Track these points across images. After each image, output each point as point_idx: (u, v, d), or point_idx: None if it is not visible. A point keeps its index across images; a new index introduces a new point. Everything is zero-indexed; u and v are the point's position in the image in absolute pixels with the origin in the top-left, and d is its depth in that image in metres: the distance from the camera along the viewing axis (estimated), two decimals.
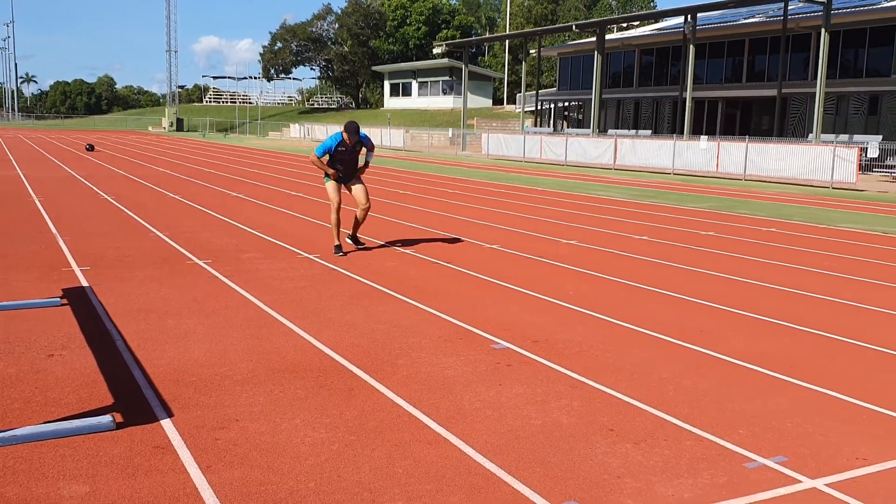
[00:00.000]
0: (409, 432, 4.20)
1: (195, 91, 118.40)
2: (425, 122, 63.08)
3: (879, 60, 32.78)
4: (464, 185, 21.75)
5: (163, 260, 9.14)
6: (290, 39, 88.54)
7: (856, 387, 5.13)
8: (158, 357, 5.41)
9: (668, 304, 7.47)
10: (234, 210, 14.30)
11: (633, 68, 45.63)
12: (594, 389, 4.98)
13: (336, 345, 5.79)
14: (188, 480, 3.59)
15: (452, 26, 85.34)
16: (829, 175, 23.89)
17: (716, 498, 3.54)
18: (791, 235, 12.67)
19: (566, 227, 13.01)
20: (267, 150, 42.00)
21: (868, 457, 4.03)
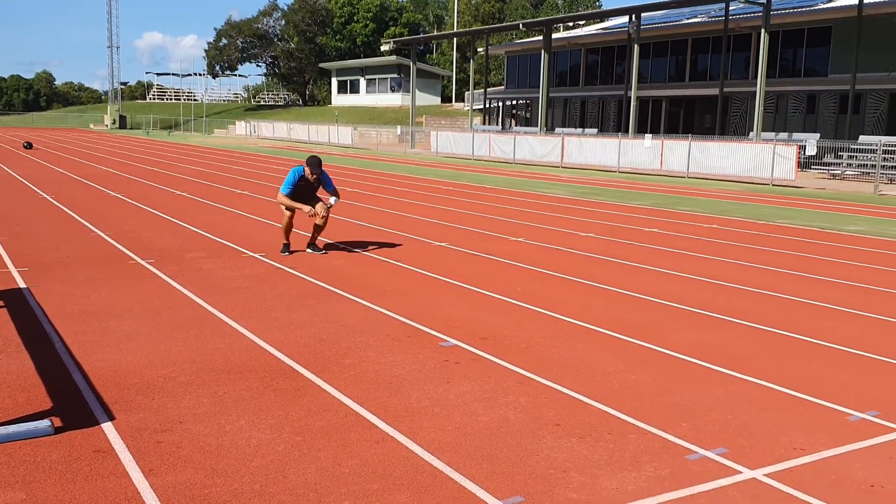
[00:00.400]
0: (356, 432, 4.19)
1: (138, 88, 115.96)
2: (374, 119, 62.86)
3: (817, 60, 33.68)
4: (413, 182, 21.73)
5: (104, 261, 8.95)
6: (235, 36, 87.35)
7: (793, 378, 5.27)
8: (99, 359, 5.30)
9: (613, 300, 7.57)
10: (179, 209, 14.07)
11: (579, 67, 46.10)
12: (541, 385, 5.02)
13: (282, 345, 5.74)
14: (130, 485, 3.53)
15: (400, 24, 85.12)
16: (769, 172, 24.46)
17: (659, 490, 3.60)
18: (732, 232, 12.94)
19: (515, 224, 13.10)
20: (212, 148, 41.39)
21: (805, 447, 4.15)
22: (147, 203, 14.92)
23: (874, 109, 31.27)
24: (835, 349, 6.02)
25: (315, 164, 9.15)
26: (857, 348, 6.05)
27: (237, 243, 10.34)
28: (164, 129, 76.75)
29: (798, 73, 34.36)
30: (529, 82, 48.40)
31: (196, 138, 58.47)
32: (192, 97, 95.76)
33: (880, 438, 4.28)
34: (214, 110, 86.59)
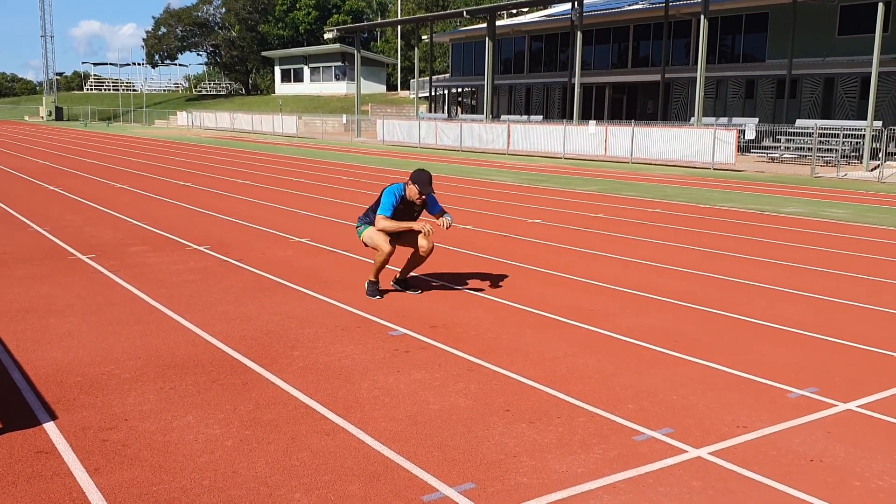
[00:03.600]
0: (306, 424, 4.16)
1: (75, 78, 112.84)
2: (318, 108, 62.26)
3: (754, 46, 34.38)
4: (359, 171, 21.61)
5: (43, 256, 8.71)
6: (174, 24, 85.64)
7: (735, 358, 5.40)
8: (40, 358, 5.16)
9: (559, 285, 7.65)
10: (120, 202, 13.77)
11: (523, 54, 46.28)
12: (491, 371, 5.06)
13: (229, 338, 5.67)
14: (74, 485, 3.46)
15: (343, 11, 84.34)
16: (710, 157, 24.93)
17: (607, 472, 3.66)
18: (675, 216, 13.17)
19: (462, 212, 13.12)
20: (153, 140, 40.56)
21: (747, 424, 4.25)
22: (87, 197, 14.56)
23: (810, 94, 32.08)
24: (775, 328, 6.18)
25: (426, 182, 6.85)
26: (797, 327, 6.22)
27: (181, 236, 10.16)
28: (102, 120, 74.92)
29: (737, 59, 35.03)
30: (474, 70, 48.44)
31: (136, 130, 57.22)
32: (132, 88, 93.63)
33: (819, 414, 4.41)
34: (155, 101, 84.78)
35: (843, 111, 30.81)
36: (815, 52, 31.22)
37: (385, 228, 6.86)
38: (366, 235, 7.03)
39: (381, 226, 6.86)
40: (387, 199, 6.90)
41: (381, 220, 6.87)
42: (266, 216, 12.18)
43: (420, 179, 6.85)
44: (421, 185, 6.84)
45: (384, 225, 6.86)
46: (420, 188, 6.84)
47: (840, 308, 6.90)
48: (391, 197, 6.91)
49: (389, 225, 6.87)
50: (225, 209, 12.97)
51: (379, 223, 6.87)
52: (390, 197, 6.90)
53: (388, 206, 6.88)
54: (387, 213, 6.87)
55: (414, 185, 6.85)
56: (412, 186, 6.87)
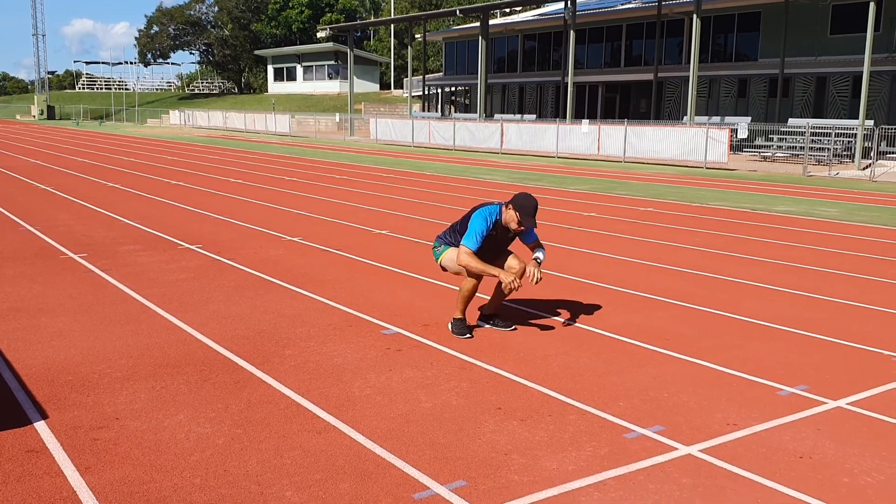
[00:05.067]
0: (298, 422, 4.16)
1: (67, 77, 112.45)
2: (311, 107, 62.16)
3: (747, 45, 34.45)
4: (352, 170, 21.60)
5: (34, 255, 8.69)
6: (167, 23, 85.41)
7: (725, 356, 5.42)
8: (31, 357, 5.15)
9: (553, 283, 7.66)
10: (112, 201, 13.73)
11: (517, 54, 46.29)
12: (483, 370, 5.07)
13: (221, 337, 5.67)
14: (65, 483, 3.45)
15: (336, 10, 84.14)
16: (702, 156, 24.98)
17: (598, 469, 3.67)
18: (667, 214, 13.20)
19: (454, 211, 13.13)
20: (146, 139, 40.45)
21: (737, 422, 4.27)
22: (78, 196, 14.52)
23: (802, 93, 32.17)
24: (766, 326, 6.20)
25: (531, 213, 5.73)
26: (787, 325, 6.25)
27: (173, 235, 10.14)
28: (94, 119, 74.67)
29: (729, 58, 35.10)
30: (468, 69, 48.44)
31: (129, 128, 57.05)
32: (124, 86, 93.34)
33: (809, 411, 4.43)
34: (147, 100, 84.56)
35: (835, 110, 30.91)
36: (808, 51, 31.31)
37: (467, 266, 5.72)
38: (447, 259, 5.97)
39: (464, 262, 5.71)
40: (478, 224, 5.72)
41: (465, 256, 5.69)
42: (258, 215, 12.16)
43: (524, 208, 5.70)
44: (524, 214, 5.70)
45: (466, 262, 5.69)
46: (522, 218, 5.71)
47: (831, 306, 6.93)
48: (482, 223, 5.73)
49: (474, 265, 5.68)
50: (217, 208, 12.95)
51: (461, 258, 5.72)
52: (481, 223, 5.73)
53: (478, 234, 5.70)
54: (473, 244, 5.69)
55: (515, 211, 5.72)
56: (512, 212, 5.75)
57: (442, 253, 6.02)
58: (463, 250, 5.70)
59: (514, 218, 5.74)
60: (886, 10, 28.18)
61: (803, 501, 3.40)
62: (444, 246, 6.02)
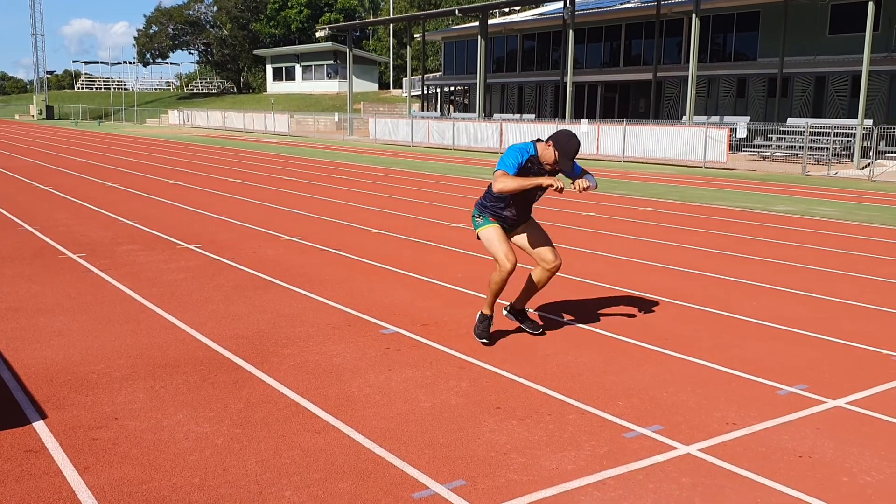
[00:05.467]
0: (297, 422, 4.16)
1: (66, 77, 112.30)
2: (310, 106, 62.14)
3: (746, 45, 34.46)
4: (351, 170, 21.59)
5: (33, 255, 8.68)
6: (166, 22, 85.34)
7: (724, 355, 5.42)
8: (30, 357, 5.15)
9: (552, 283, 7.65)
10: (111, 201, 13.72)
11: (516, 53, 46.28)
12: (482, 369, 5.06)
13: (220, 337, 5.67)
14: (64, 483, 3.45)
15: (335, 9, 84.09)
16: (701, 155, 24.98)
17: (597, 468, 3.67)
18: (666, 214, 13.20)
19: (454, 210, 13.13)
20: (144, 138, 40.43)
21: (736, 421, 4.27)
22: (77, 195, 14.52)
23: (801, 92, 32.18)
24: (765, 326, 6.20)
25: (571, 153, 5.32)
26: (786, 324, 6.25)
27: (172, 235, 10.14)
28: (93, 119, 74.63)
29: (728, 58, 35.11)
30: (467, 68, 48.43)
31: (127, 128, 57.03)
32: (123, 86, 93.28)
33: (808, 411, 4.43)
34: (146, 99, 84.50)
35: (834, 110, 30.93)
36: (807, 50, 31.31)
37: (504, 189, 5.24)
38: (484, 235, 5.58)
39: (500, 185, 5.22)
40: (511, 156, 5.37)
41: (501, 179, 5.24)
42: (257, 215, 12.16)
43: (566, 150, 5.28)
44: (563, 156, 5.29)
45: (503, 184, 5.22)
46: (560, 160, 5.32)
47: (830, 305, 6.93)
48: (517, 156, 5.37)
49: (510, 183, 5.21)
50: (216, 208, 12.94)
51: (497, 182, 5.25)
52: (515, 156, 5.37)
53: (512, 164, 5.35)
54: (509, 168, 5.31)
55: (555, 149, 5.31)
56: (551, 150, 5.34)
57: (481, 225, 5.61)
58: (497, 174, 5.26)
59: (552, 156, 5.34)
60: (885, 10, 28.19)
61: (802, 501, 3.40)
62: (483, 216, 5.60)
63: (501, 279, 5.46)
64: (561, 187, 5.11)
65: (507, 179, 5.23)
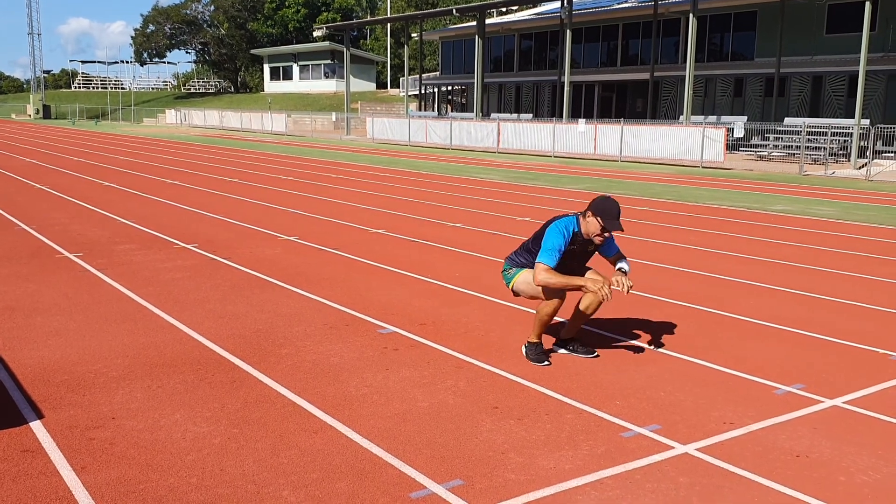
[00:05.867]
0: (294, 422, 4.16)
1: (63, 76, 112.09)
2: (308, 106, 62.11)
3: (743, 45, 34.49)
4: (349, 169, 21.58)
5: (30, 255, 8.67)
6: (163, 22, 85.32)
7: (722, 355, 5.42)
8: (26, 356, 5.14)
9: None
10: (108, 200, 13.70)
11: (513, 53, 46.29)
12: (480, 369, 5.06)
13: (217, 336, 5.66)
14: (60, 483, 3.44)
15: (333, 9, 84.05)
16: (699, 155, 25.00)
17: (595, 468, 3.67)
18: (663, 213, 13.21)
19: (452, 210, 13.13)
20: (142, 138, 40.38)
21: (734, 420, 4.27)
22: (74, 195, 14.49)
23: (798, 92, 32.22)
24: (762, 325, 6.21)
25: (614, 215, 5.12)
26: (784, 324, 6.25)
27: (169, 234, 10.13)
28: (90, 118, 74.53)
29: (725, 58, 35.14)
30: (464, 68, 48.43)
31: (124, 128, 56.97)
32: (120, 86, 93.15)
33: (805, 410, 4.44)
34: (143, 99, 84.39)
35: (831, 109, 30.96)
36: (804, 50, 31.34)
37: (547, 285, 5.06)
38: (521, 283, 5.37)
39: (542, 280, 5.06)
40: (553, 238, 5.10)
41: (543, 273, 5.05)
42: (254, 214, 12.15)
43: (607, 211, 5.08)
44: (607, 218, 5.07)
45: (545, 280, 5.05)
46: (605, 223, 5.07)
47: (827, 305, 6.94)
48: (559, 237, 5.11)
49: (553, 280, 5.05)
50: (213, 207, 12.93)
51: (539, 276, 5.06)
52: (558, 237, 5.11)
53: (555, 250, 5.08)
54: (551, 260, 5.07)
55: (596, 217, 5.10)
56: (592, 220, 5.12)
57: (514, 276, 5.41)
58: (539, 268, 5.07)
59: (597, 226, 5.10)
60: (882, 10, 28.22)
61: (799, 500, 3.40)
62: (515, 269, 5.42)
63: (552, 311, 5.16)
64: (607, 295, 4.97)
65: (551, 277, 5.02)
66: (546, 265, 5.05)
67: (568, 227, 5.17)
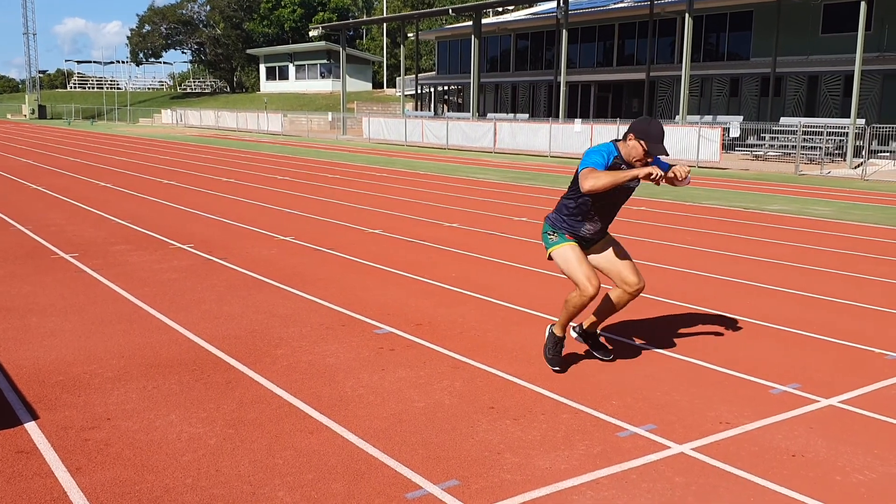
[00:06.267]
0: (290, 422, 4.15)
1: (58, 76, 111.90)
2: (304, 106, 62.07)
3: (739, 45, 34.53)
4: (345, 169, 21.56)
5: (25, 255, 8.65)
6: (159, 22, 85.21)
7: (718, 354, 5.42)
8: (21, 357, 5.12)
9: (546, 282, 7.66)
10: (104, 201, 13.68)
11: (509, 53, 46.30)
12: (476, 369, 5.06)
13: (213, 337, 5.65)
14: (55, 484, 3.43)
15: (329, 9, 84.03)
16: (695, 154, 25.02)
17: (591, 468, 3.67)
18: (659, 213, 13.22)
19: (448, 210, 13.12)
20: (138, 138, 40.32)
21: (730, 420, 4.28)
22: (70, 195, 14.47)
23: (794, 92, 32.26)
24: (758, 325, 6.21)
25: (658, 137, 4.65)
26: (779, 323, 6.26)
27: (165, 235, 10.11)
28: (86, 118, 74.41)
29: (721, 57, 35.18)
30: (461, 68, 48.42)
31: (120, 128, 56.87)
32: (116, 86, 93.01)
33: (801, 410, 4.44)
34: (139, 99, 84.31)
35: (827, 109, 31.01)
36: (799, 50, 31.39)
37: (597, 186, 4.48)
38: (559, 255, 4.93)
39: (592, 183, 4.48)
40: (592, 157, 4.64)
41: (591, 175, 4.50)
42: (250, 214, 12.13)
43: (650, 134, 4.62)
44: (651, 141, 4.62)
45: (595, 181, 4.48)
46: (648, 146, 4.63)
47: (823, 304, 6.95)
48: (600, 156, 4.65)
49: (603, 178, 4.47)
50: (209, 207, 12.92)
51: (587, 180, 4.50)
52: (598, 156, 4.65)
53: (597, 163, 4.64)
54: (598, 164, 4.61)
55: (639, 140, 4.66)
56: (634, 143, 4.68)
57: (555, 244, 4.95)
58: (583, 173, 4.55)
59: (640, 149, 4.66)
60: (877, 10, 28.28)
61: (795, 499, 3.41)
62: (558, 233, 4.95)
63: (582, 304, 4.86)
64: (661, 175, 4.46)
65: (598, 174, 4.49)
66: (592, 170, 4.52)
67: (607, 153, 4.68)
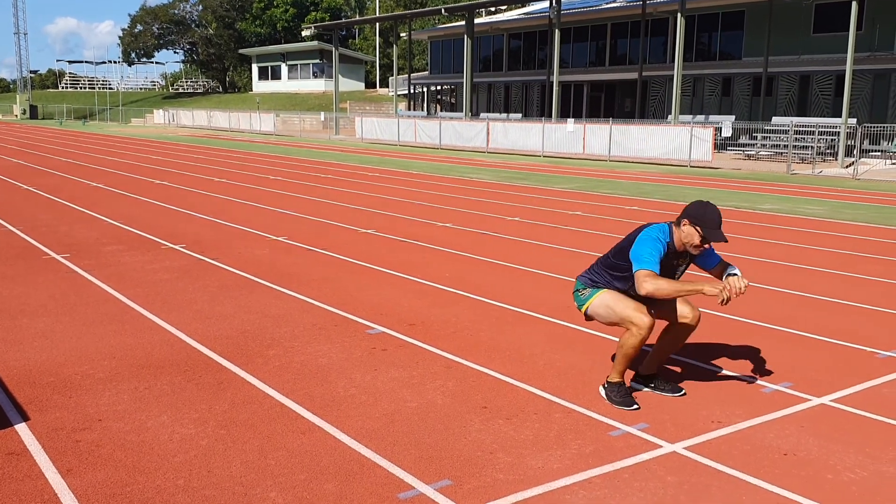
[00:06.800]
0: (282, 423, 4.14)
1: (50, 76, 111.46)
2: (296, 105, 61.96)
3: (731, 44, 34.61)
4: (338, 169, 21.54)
5: (16, 256, 8.61)
6: (151, 22, 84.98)
7: (709, 353, 5.43)
8: (12, 359, 5.10)
9: (539, 282, 7.67)
10: (95, 201, 13.63)
11: (502, 52, 46.30)
12: (469, 369, 5.06)
13: (205, 338, 5.63)
14: (46, 486, 3.42)
15: (321, 8, 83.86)
16: (687, 154, 25.07)
17: (583, 467, 3.67)
18: (651, 213, 13.24)
19: (442, 210, 13.12)
20: (130, 138, 40.19)
21: (722, 419, 4.28)
22: (62, 195, 14.41)
23: (786, 91, 32.35)
24: (750, 324, 6.23)
25: (716, 224, 4.33)
26: (771, 322, 6.27)
27: (157, 235, 10.08)
28: (78, 118, 74.12)
29: (713, 57, 35.25)
30: (453, 67, 48.41)
31: (112, 128, 56.68)
32: (108, 86, 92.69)
33: (792, 409, 4.45)
34: (131, 99, 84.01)
35: (819, 109, 31.11)
36: (791, 50, 31.48)
37: (656, 292, 4.23)
38: (598, 305, 4.56)
39: (650, 289, 4.23)
40: (650, 245, 4.32)
41: (649, 280, 4.23)
42: (243, 214, 12.10)
43: (707, 220, 4.31)
44: (708, 227, 4.30)
45: (654, 286, 4.22)
46: (705, 232, 4.31)
47: (815, 303, 6.97)
48: (658, 244, 4.34)
49: (665, 288, 4.23)
50: (201, 208, 12.88)
51: (645, 284, 4.23)
52: (656, 244, 4.33)
53: (654, 257, 4.30)
54: (653, 266, 4.28)
55: (695, 227, 4.33)
56: (690, 229, 4.35)
57: (589, 298, 4.61)
58: (642, 275, 4.25)
59: (695, 235, 4.33)
60: (868, 10, 28.38)
61: (787, 498, 3.42)
62: (591, 289, 4.64)
63: (639, 341, 4.34)
64: (727, 298, 4.18)
65: (659, 283, 4.22)
66: (648, 270, 4.25)
67: (664, 234, 4.42)
